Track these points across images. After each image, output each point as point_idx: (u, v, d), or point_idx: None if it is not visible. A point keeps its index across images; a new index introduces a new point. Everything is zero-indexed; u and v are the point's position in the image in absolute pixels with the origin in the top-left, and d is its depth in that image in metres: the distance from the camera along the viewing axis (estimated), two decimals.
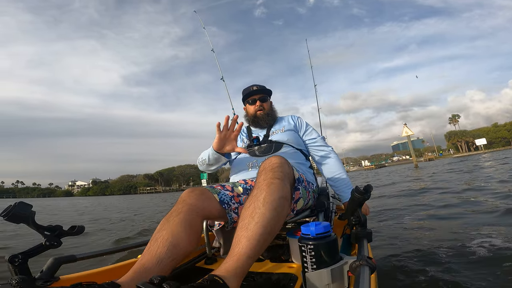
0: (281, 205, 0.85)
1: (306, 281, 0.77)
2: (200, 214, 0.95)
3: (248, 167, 1.38)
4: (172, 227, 0.85)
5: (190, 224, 0.88)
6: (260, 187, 0.87)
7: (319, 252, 0.76)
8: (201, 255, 1.28)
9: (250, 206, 0.83)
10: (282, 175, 0.92)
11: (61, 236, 0.83)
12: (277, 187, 0.87)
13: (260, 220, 0.79)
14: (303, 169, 1.38)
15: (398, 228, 2.67)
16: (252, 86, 1.63)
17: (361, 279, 0.65)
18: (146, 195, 37.58)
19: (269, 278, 0.99)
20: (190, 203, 0.94)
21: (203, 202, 0.97)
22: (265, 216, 0.80)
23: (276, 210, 0.83)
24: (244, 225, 0.79)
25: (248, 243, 0.75)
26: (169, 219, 0.88)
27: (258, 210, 0.81)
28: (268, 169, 0.93)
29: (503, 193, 3.81)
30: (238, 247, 0.75)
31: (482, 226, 2.32)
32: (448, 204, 3.59)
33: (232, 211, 1.07)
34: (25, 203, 0.77)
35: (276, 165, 0.94)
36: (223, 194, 1.09)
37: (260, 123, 1.58)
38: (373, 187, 1.04)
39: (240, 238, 0.77)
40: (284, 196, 0.88)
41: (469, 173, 8.44)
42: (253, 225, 0.78)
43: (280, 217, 0.85)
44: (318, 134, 1.58)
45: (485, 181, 5.57)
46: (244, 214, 0.82)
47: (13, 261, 0.78)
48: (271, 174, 0.90)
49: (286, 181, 0.92)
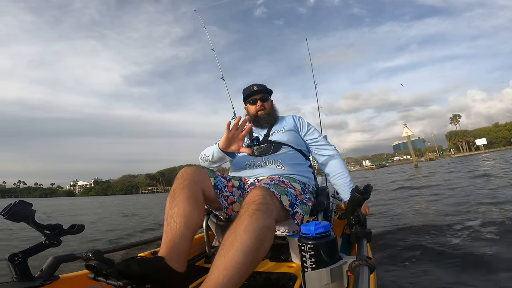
0: (263, 234, 0.81)
1: (305, 280, 0.77)
2: (199, 186, 1.03)
3: (246, 166, 1.38)
4: (181, 203, 0.93)
5: (194, 197, 0.97)
6: (241, 218, 0.84)
7: (319, 251, 0.76)
8: (200, 254, 1.29)
9: (231, 235, 0.79)
10: (265, 207, 0.87)
11: (61, 235, 0.83)
12: (259, 217, 0.83)
13: (240, 248, 0.75)
14: (301, 169, 1.38)
15: (398, 227, 2.67)
16: (252, 85, 1.63)
17: (360, 279, 0.65)
18: (149, 195, 37.72)
19: (268, 277, 1.00)
20: (188, 178, 1.02)
21: (199, 177, 1.06)
22: (245, 243, 0.76)
23: (257, 239, 0.78)
24: (223, 253, 0.75)
25: (226, 272, 0.71)
26: (175, 196, 0.96)
27: (239, 238, 0.77)
28: (250, 202, 0.89)
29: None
30: (214, 274, 0.71)
31: (486, 227, 2.31)
32: (448, 203, 3.61)
33: (223, 197, 1.12)
34: (25, 202, 0.78)
35: (258, 198, 0.90)
36: (219, 180, 1.15)
37: (261, 122, 1.58)
38: (373, 187, 1.04)
39: (218, 266, 0.72)
40: (267, 226, 0.84)
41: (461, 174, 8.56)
42: (232, 253, 0.74)
43: (262, 247, 0.81)
44: (319, 133, 1.58)
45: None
46: (224, 242, 0.79)
47: (13, 260, 0.79)
48: (253, 206, 0.87)
49: (269, 213, 0.88)
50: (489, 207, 3.08)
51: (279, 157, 1.36)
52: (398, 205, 4.10)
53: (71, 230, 0.84)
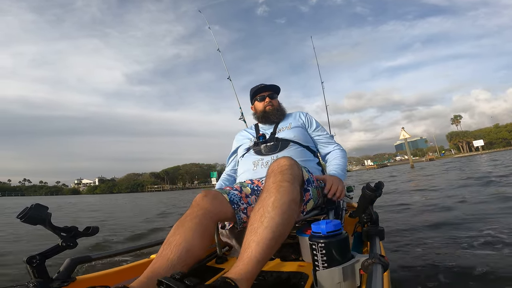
0: (290, 208, 0.85)
1: (317, 279, 0.78)
2: (214, 218, 0.98)
3: (254, 165, 1.40)
4: (186, 232, 0.87)
5: (204, 229, 0.91)
6: (269, 190, 0.87)
7: (330, 250, 0.76)
8: (211, 254, 1.32)
9: (260, 209, 0.84)
10: (292, 177, 0.91)
11: (77, 237, 0.87)
12: (287, 190, 0.87)
13: (270, 225, 0.79)
14: (311, 166, 1.39)
15: (412, 225, 2.67)
16: (260, 84, 1.66)
17: (373, 277, 0.65)
18: (155, 194, 38.43)
19: (279, 276, 1.02)
20: (205, 207, 0.97)
21: (216, 206, 1.00)
22: (274, 220, 0.80)
23: (285, 214, 0.83)
24: (254, 229, 0.80)
25: (257, 247, 0.76)
26: (184, 224, 0.90)
27: (267, 214, 0.81)
28: (277, 171, 0.92)
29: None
30: (248, 251, 0.76)
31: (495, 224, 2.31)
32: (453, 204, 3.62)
33: (241, 211, 1.10)
34: (41, 205, 0.81)
35: (286, 167, 0.94)
36: (233, 194, 1.12)
37: (270, 118, 1.60)
38: (384, 184, 1.05)
39: (250, 243, 0.77)
40: (294, 199, 0.88)
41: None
42: (262, 229, 0.79)
43: (290, 221, 0.85)
44: (326, 131, 1.61)
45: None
46: (253, 218, 0.83)
47: (31, 262, 0.82)
48: (280, 176, 0.90)
49: (296, 183, 0.92)
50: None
51: (287, 154, 1.37)
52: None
53: (86, 232, 0.88)
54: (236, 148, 1.66)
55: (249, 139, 1.61)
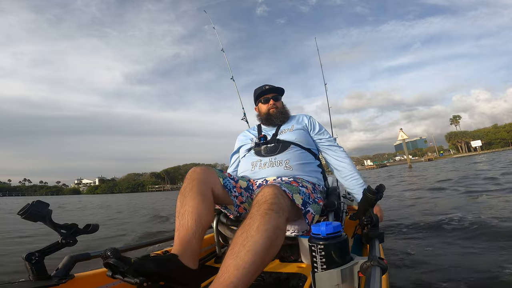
0: (275, 234, 0.82)
1: (315, 281, 0.78)
2: (208, 185, 1.08)
3: (253, 166, 1.41)
4: (191, 201, 0.98)
5: (204, 195, 1.02)
6: (253, 217, 0.84)
7: (329, 252, 0.77)
8: (210, 254, 1.33)
9: (242, 234, 0.80)
10: (277, 207, 0.88)
11: (77, 234, 0.88)
12: (272, 217, 0.84)
13: (252, 248, 0.76)
14: (310, 169, 1.39)
15: (411, 229, 2.67)
16: (264, 85, 1.67)
17: (371, 280, 0.66)
18: (157, 193, 38.86)
19: (278, 277, 1.02)
20: (197, 177, 1.07)
21: (208, 176, 1.11)
22: (257, 244, 0.77)
23: (269, 239, 0.79)
24: (234, 253, 0.76)
25: (236, 272, 0.71)
26: (185, 195, 1.01)
27: (250, 238, 0.78)
28: (262, 202, 0.89)
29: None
30: (225, 276, 0.72)
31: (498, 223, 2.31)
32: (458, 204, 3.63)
33: (233, 197, 1.18)
34: (42, 202, 0.83)
35: (270, 197, 0.90)
36: (227, 180, 1.21)
37: (274, 120, 1.61)
38: (385, 187, 1.05)
39: (228, 267, 0.73)
40: (279, 227, 0.85)
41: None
42: (244, 253, 0.75)
43: (273, 247, 0.82)
44: (329, 134, 1.60)
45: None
46: (235, 242, 0.80)
47: (30, 259, 0.83)
48: (264, 206, 0.87)
49: (281, 213, 0.89)
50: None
51: (286, 156, 1.38)
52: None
53: (86, 230, 0.89)
54: (238, 148, 1.68)
55: (250, 139, 1.62)
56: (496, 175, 6.70)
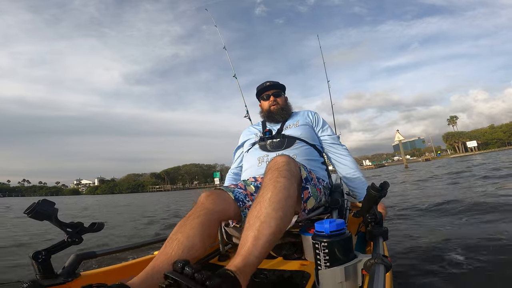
0: (287, 204, 0.88)
1: (319, 278, 0.80)
2: (217, 217, 1.01)
3: (259, 161, 1.42)
4: (188, 231, 0.90)
5: (207, 228, 0.94)
6: (266, 186, 0.91)
7: (333, 249, 0.78)
8: (214, 252, 1.35)
9: (256, 206, 0.87)
10: (288, 174, 0.95)
11: (82, 233, 0.90)
12: (283, 186, 0.90)
13: (267, 220, 0.83)
14: (315, 165, 1.41)
15: (414, 226, 2.69)
16: (265, 82, 1.69)
17: (375, 278, 0.67)
18: (158, 194, 39.10)
19: (281, 275, 1.04)
20: (208, 207, 1.00)
21: (220, 205, 1.03)
22: (270, 215, 0.84)
23: (282, 210, 0.86)
24: (251, 225, 0.83)
25: (255, 242, 0.79)
26: (186, 222, 0.93)
27: (264, 210, 0.85)
28: (274, 168, 0.96)
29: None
30: (246, 246, 0.79)
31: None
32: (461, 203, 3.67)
33: (246, 208, 1.13)
34: (48, 201, 0.85)
35: (282, 164, 0.97)
36: (237, 192, 1.16)
37: (275, 117, 1.62)
38: (389, 184, 1.06)
39: (247, 238, 0.80)
40: (290, 195, 0.91)
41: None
42: (259, 224, 0.82)
43: (287, 216, 0.88)
44: (333, 132, 1.62)
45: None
46: (251, 214, 0.87)
47: (36, 258, 0.85)
48: (276, 173, 0.94)
49: (293, 180, 0.95)
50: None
51: (293, 152, 1.39)
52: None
53: (92, 228, 0.91)
54: (242, 143, 1.69)
55: (255, 134, 1.63)
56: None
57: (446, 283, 1.43)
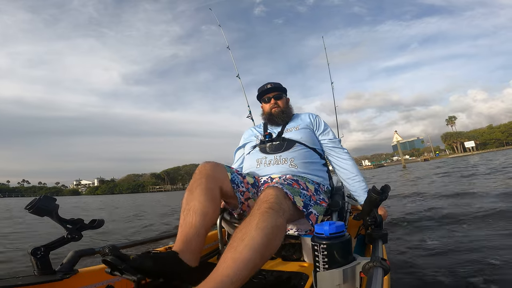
0: (273, 233, 0.85)
1: (317, 280, 0.80)
2: (216, 183, 1.10)
3: (257, 163, 1.43)
4: (198, 198, 1.00)
5: (211, 193, 1.04)
6: (253, 215, 0.88)
7: (332, 252, 0.79)
8: (213, 251, 1.35)
9: (242, 230, 0.84)
10: (278, 207, 0.92)
11: (82, 230, 0.91)
12: (271, 216, 0.87)
13: (250, 244, 0.78)
14: (315, 167, 1.42)
15: (414, 230, 2.69)
16: (266, 84, 1.69)
17: (373, 281, 0.67)
18: (159, 194, 39.26)
19: (280, 276, 1.04)
20: (207, 174, 1.09)
21: (217, 173, 1.13)
22: (255, 240, 0.80)
23: (267, 237, 0.82)
24: (233, 247, 0.79)
25: (233, 264, 0.74)
26: (193, 191, 1.03)
27: (249, 233, 0.81)
28: (263, 201, 0.93)
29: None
30: (222, 267, 0.74)
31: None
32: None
33: (239, 192, 1.19)
34: (49, 197, 0.86)
35: (271, 197, 0.94)
36: (235, 175, 1.23)
37: (275, 120, 1.64)
38: (390, 188, 1.07)
39: (226, 259, 0.76)
40: (278, 226, 0.88)
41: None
42: (242, 247, 0.78)
43: (272, 245, 0.85)
44: (334, 135, 1.62)
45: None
46: (234, 237, 0.83)
47: (35, 254, 0.86)
48: (265, 205, 0.91)
49: (281, 212, 0.92)
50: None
51: (292, 155, 1.40)
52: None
53: (92, 225, 0.92)
54: (243, 144, 1.70)
55: (256, 136, 1.65)
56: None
57: (445, 286, 1.43)
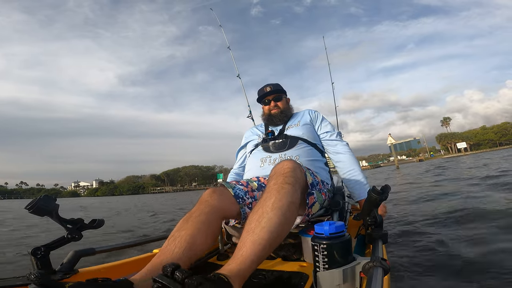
0: (290, 210, 0.88)
1: (317, 280, 0.82)
2: (220, 215, 1.03)
3: (262, 162, 1.44)
4: (191, 228, 0.91)
5: (209, 226, 0.95)
6: (269, 192, 0.91)
7: (332, 251, 0.80)
8: (213, 251, 1.36)
9: (258, 210, 0.87)
10: (293, 180, 0.95)
11: (82, 229, 0.92)
12: (287, 192, 0.90)
13: (267, 225, 0.82)
14: (318, 166, 1.43)
15: (414, 229, 2.69)
16: (265, 87, 1.71)
17: (373, 281, 0.68)
18: (160, 195, 39.48)
19: (280, 276, 1.05)
20: (212, 204, 1.01)
21: (223, 203, 1.06)
22: (272, 221, 0.83)
23: (284, 216, 0.86)
24: (251, 229, 0.83)
25: (252, 246, 0.78)
26: (189, 220, 0.95)
27: (266, 214, 0.85)
28: (279, 174, 0.96)
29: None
30: (242, 250, 0.78)
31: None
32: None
33: (246, 206, 1.15)
34: (49, 197, 0.87)
35: (288, 170, 0.97)
36: (238, 188, 1.18)
37: (274, 121, 1.66)
38: (390, 188, 1.08)
39: (245, 242, 0.80)
40: (294, 201, 0.91)
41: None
42: (259, 229, 0.81)
43: (288, 223, 0.88)
44: (333, 127, 1.63)
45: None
46: (251, 218, 0.86)
47: (35, 254, 0.87)
48: (281, 179, 0.94)
49: (297, 186, 0.95)
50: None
51: (296, 153, 1.41)
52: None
53: (92, 225, 0.93)
54: (245, 144, 1.72)
55: (258, 135, 1.67)
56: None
57: (446, 286, 1.44)
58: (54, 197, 0.87)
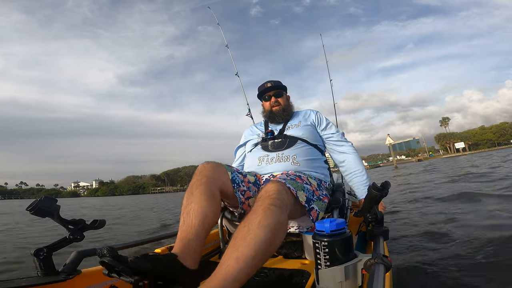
0: (276, 230, 0.85)
1: (319, 278, 0.82)
2: (217, 184, 1.10)
3: (259, 161, 1.45)
4: (198, 199, 1.00)
5: (211, 194, 1.04)
6: (256, 212, 0.88)
7: (333, 249, 0.80)
8: (215, 249, 1.37)
9: (244, 228, 0.84)
10: (280, 202, 0.92)
11: (84, 230, 0.93)
12: (273, 212, 0.87)
13: (253, 242, 0.79)
14: (317, 165, 1.43)
15: (416, 225, 2.71)
16: (266, 82, 1.70)
17: (375, 277, 0.68)
18: (161, 195, 39.62)
19: (281, 274, 1.06)
20: (207, 174, 1.09)
21: (217, 173, 1.14)
22: (258, 238, 0.80)
23: (271, 234, 0.82)
24: (235, 245, 0.80)
25: (236, 265, 0.75)
26: (193, 192, 1.03)
27: (251, 231, 0.81)
28: (265, 197, 0.93)
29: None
30: (224, 266, 0.75)
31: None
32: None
33: (240, 192, 1.19)
34: (50, 198, 0.88)
35: (273, 193, 0.94)
36: (236, 175, 1.23)
37: (276, 118, 1.65)
38: (390, 184, 1.08)
39: (228, 259, 0.77)
40: (280, 222, 0.88)
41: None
42: (244, 246, 0.78)
43: (274, 243, 0.85)
44: (336, 129, 1.63)
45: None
46: (236, 235, 0.83)
47: (38, 255, 0.88)
48: (268, 201, 0.91)
49: (284, 208, 0.92)
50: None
51: (294, 152, 1.42)
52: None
53: (93, 225, 0.94)
54: (244, 142, 1.72)
55: (257, 134, 1.66)
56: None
57: (446, 283, 1.45)
58: (55, 199, 0.87)
